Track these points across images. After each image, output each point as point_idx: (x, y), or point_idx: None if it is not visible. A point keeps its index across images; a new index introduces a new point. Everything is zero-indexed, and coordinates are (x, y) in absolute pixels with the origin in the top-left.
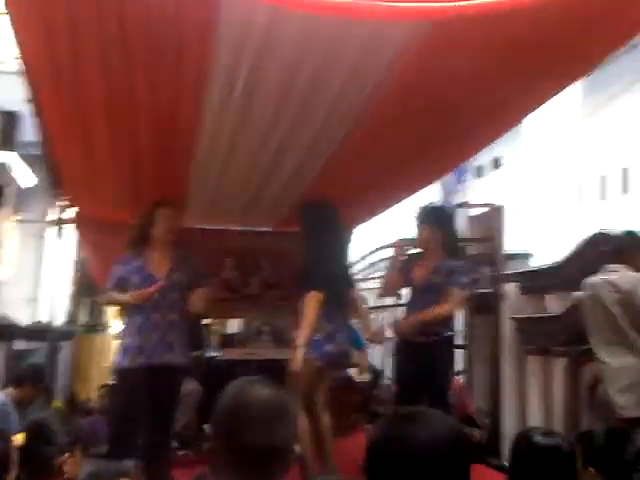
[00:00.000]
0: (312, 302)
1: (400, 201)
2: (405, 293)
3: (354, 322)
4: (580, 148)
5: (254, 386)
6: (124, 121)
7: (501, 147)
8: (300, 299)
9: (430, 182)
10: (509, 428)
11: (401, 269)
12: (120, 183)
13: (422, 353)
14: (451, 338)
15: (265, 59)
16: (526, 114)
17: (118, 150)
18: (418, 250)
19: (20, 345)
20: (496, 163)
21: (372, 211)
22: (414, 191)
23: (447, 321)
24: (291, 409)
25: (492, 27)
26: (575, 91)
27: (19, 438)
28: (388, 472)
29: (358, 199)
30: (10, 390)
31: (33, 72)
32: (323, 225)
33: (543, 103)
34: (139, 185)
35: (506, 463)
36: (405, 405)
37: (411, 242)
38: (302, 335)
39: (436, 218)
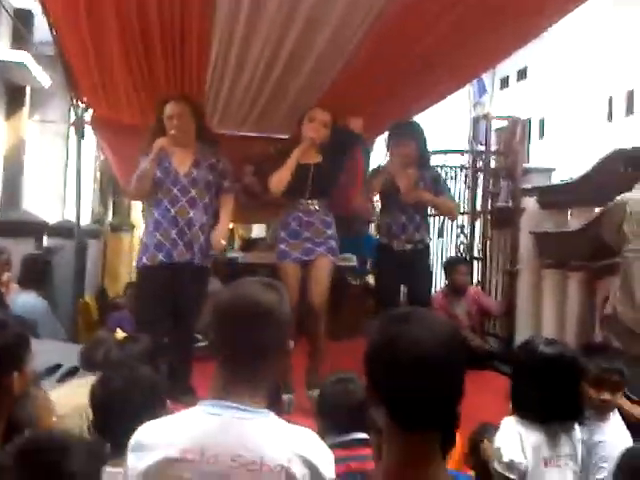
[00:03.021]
0: None
1: (421, 111)
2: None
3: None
4: (607, 62)
5: (248, 287)
6: (135, 21)
7: (527, 58)
8: None
9: (451, 91)
10: (523, 338)
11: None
12: (134, 86)
13: (406, 261)
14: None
15: None
16: (550, 22)
17: (130, 51)
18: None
19: (48, 242)
20: (522, 74)
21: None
22: (435, 101)
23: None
24: (283, 309)
25: None
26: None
27: None
28: (386, 371)
29: (377, 107)
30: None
31: None
32: None
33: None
34: (153, 88)
35: None
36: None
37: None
38: None
39: (418, 133)
